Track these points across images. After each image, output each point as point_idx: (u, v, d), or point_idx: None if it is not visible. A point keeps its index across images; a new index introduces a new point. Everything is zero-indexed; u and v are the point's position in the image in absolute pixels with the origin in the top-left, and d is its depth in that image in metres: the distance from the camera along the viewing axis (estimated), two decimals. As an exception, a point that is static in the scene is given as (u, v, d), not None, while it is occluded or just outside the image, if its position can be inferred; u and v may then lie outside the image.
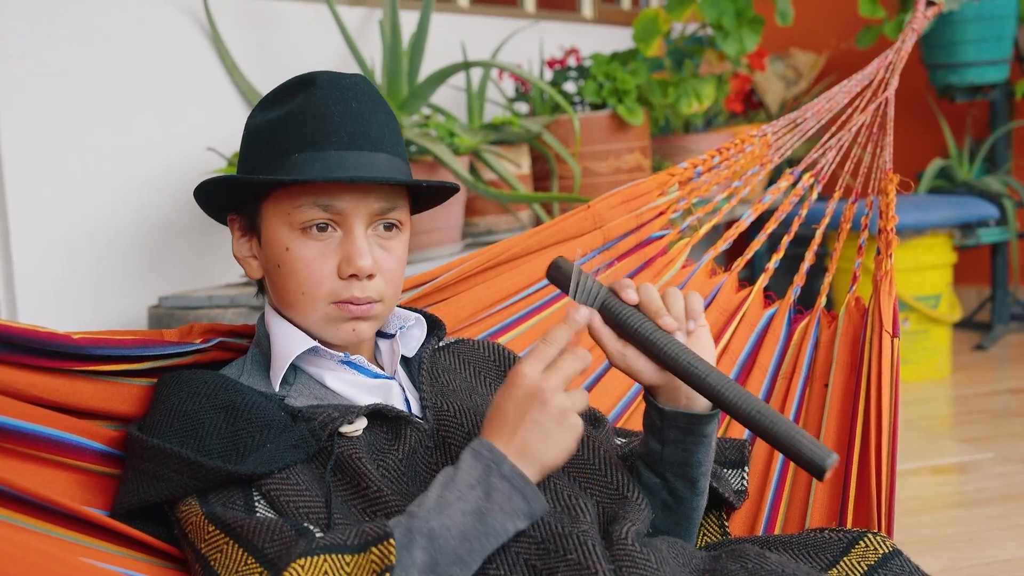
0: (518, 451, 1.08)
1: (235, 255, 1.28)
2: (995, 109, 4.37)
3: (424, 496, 1.07)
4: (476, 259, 1.58)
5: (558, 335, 1.12)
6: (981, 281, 4.63)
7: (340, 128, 1.19)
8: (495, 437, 1.09)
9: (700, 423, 1.22)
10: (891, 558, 1.19)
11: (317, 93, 1.20)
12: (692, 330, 1.20)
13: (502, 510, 1.05)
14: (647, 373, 1.20)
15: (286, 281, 1.22)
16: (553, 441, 1.08)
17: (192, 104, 2.61)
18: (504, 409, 1.10)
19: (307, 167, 1.18)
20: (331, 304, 1.21)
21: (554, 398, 1.08)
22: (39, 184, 2.25)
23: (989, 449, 3.06)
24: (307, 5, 2.94)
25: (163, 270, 2.50)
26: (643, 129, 3.33)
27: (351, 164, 1.19)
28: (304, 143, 1.19)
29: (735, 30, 3.43)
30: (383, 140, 1.22)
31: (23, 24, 2.23)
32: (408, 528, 1.03)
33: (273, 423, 1.16)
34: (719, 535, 1.39)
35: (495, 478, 1.06)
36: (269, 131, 1.21)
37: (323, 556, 1.01)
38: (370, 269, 1.20)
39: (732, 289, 1.81)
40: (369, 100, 1.22)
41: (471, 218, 2.95)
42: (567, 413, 1.09)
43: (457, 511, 1.04)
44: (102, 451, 1.19)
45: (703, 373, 1.15)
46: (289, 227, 1.21)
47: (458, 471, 1.07)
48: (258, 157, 1.22)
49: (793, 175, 1.91)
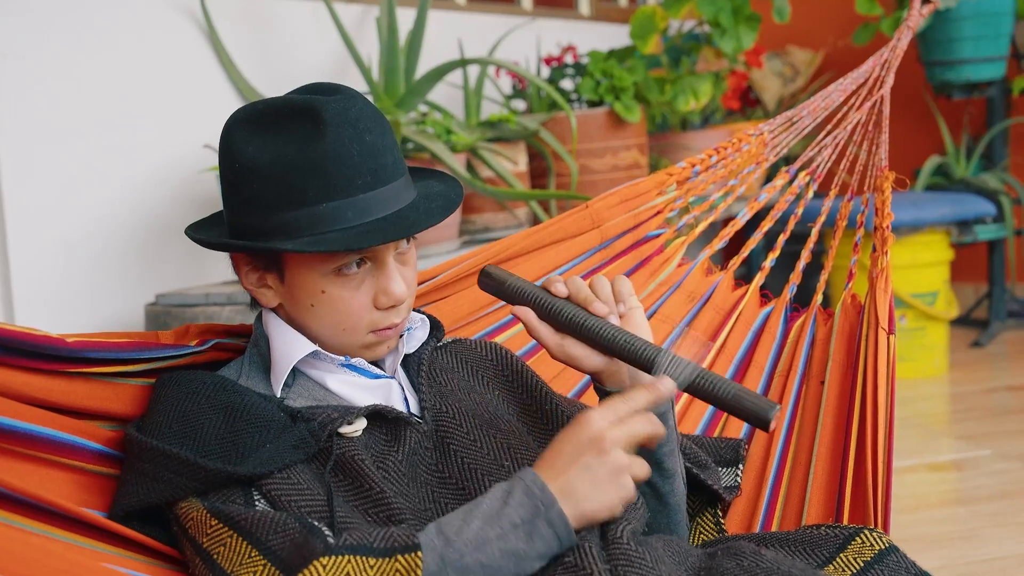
0: (562, 490, 1.07)
1: (245, 287, 1.26)
2: (992, 106, 4.37)
3: (463, 523, 1.06)
4: (474, 258, 1.58)
5: (638, 397, 1.13)
6: (978, 278, 4.63)
7: (362, 168, 1.16)
8: (544, 471, 1.09)
9: None
10: (887, 554, 1.19)
11: (329, 132, 1.15)
12: (624, 312, 1.24)
13: (538, 555, 1.06)
14: (587, 360, 1.24)
15: (322, 319, 1.21)
16: (600, 492, 1.08)
17: (189, 102, 2.60)
18: (561, 448, 1.10)
19: (340, 216, 1.15)
20: (370, 333, 1.22)
21: (614, 450, 1.08)
22: (36, 182, 2.25)
23: (986, 446, 3.06)
24: (304, 3, 2.94)
25: (160, 268, 2.50)
26: (640, 126, 3.33)
27: (380, 203, 1.18)
28: (330, 190, 1.15)
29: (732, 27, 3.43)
30: (396, 164, 1.21)
31: (21, 24, 2.22)
32: (442, 557, 1.03)
33: (272, 424, 1.16)
34: (715, 533, 1.39)
35: (541, 522, 1.06)
36: (279, 174, 1.16)
37: (347, 556, 1.01)
38: (405, 296, 1.21)
39: (728, 287, 1.81)
40: (377, 126, 1.19)
41: (468, 215, 2.95)
42: (622, 471, 1.09)
43: (496, 550, 1.04)
44: (99, 451, 1.19)
45: (638, 347, 1.19)
46: (321, 272, 1.19)
47: (506, 505, 1.06)
48: (272, 201, 1.16)
49: (789, 173, 1.91)
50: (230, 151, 1.19)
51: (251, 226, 1.18)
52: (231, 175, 1.19)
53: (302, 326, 1.23)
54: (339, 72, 3.01)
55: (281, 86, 2.00)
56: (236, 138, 1.18)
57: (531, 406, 1.33)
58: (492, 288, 1.28)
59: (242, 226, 1.20)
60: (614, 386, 1.25)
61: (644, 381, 1.21)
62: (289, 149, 1.15)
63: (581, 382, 1.61)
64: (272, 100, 1.19)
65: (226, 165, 1.20)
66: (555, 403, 1.33)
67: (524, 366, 1.37)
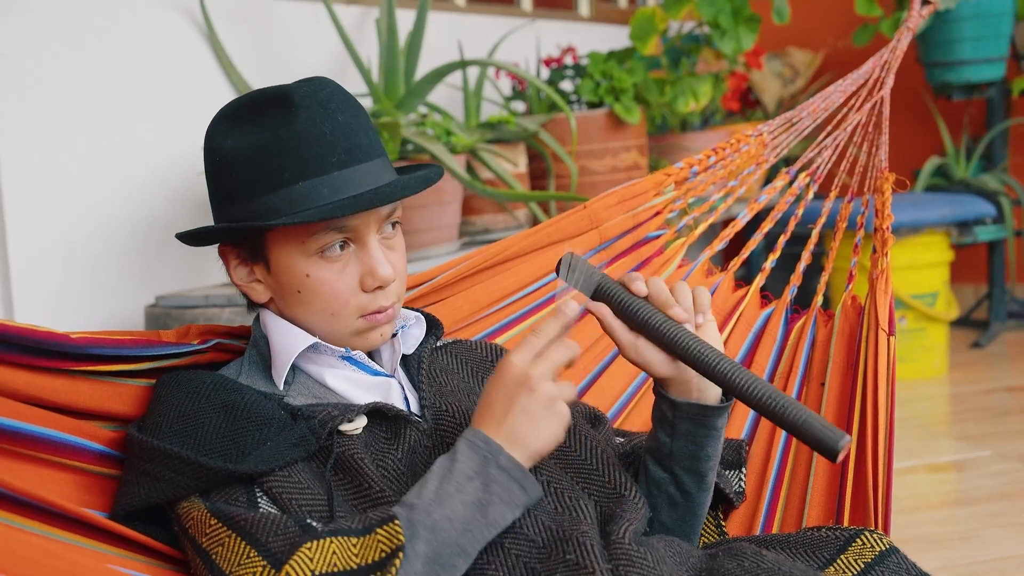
0: (508, 438, 1.09)
1: (235, 283, 1.27)
2: (992, 107, 4.38)
3: (421, 487, 1.07)
4: (473, 259, 1.58)
5: (547, 327, 1.13)
6: (978, 279, 4.64)
7: (335, 146, 1.18)
8: (485, 425, 1.10)
9: (712, 415, 1.23)
10: (888, 555, 1.19)
11: (300, 113, 1.17)
12: (700, 324, 1.22)
13: (501, 500, 1.07)
14: (658, 364, 1.22)
15: (310, 305, 1.22)
16: (542, 428, 1.09)
17: (188, 103, 2.60)
18: (493, 398, 1.11)
19: (315, 194, 1.17)
20: (360, 318, 1.22)
21: (541, 385, 1.09)
22: (36, 182, 2.25)
23: (986, 447, 3.06)
24: (303, 4, 2.94)
25: (160, 270, 2.50)
26: (640, 128, 3.33)
27: (356, 181, 1.19)
28: (304, 170, 1.17)
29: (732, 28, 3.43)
30: (372, 145, 1.22)
31: (21, 24, 2.22)
32: (410, 520, 1.04)
33: (272, 421, 1.16)
34: (716, 535, 1.39)
35: (493, 469, 1.07)
36: (253, 160, 1.18)
37: (330, 539, 1.03)
38: (392, 276, 1.22)
39: (729, 289, 1.81)
40: (350, 108, 1.21)
41: (468, 217, 2.95)
42: (555, 400, 1.10)
43: (457, 503, 1.05)
44: (101, 452, 1.19)
45: (715, 361, 1.16)
46: (304, 254, 1.20)
47: (455, 462, 1.08)
48: (249, 188, 1.18)
49: (789, 174, 1.91)
50: (211, 147, 1.22)
51: (232, 215, 1.20)
52: (213, 170, 1.22)
53: (294, 318, 1.24)
54: (339, 73, 3.01)
55: (281, 87, 2.00)
56: (216, 134, 1.21)
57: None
58: (568, 276, 1.23)
59: (224, 217, 1.22)
60: (680, 395, 1.24)
61: (712, 397, 1.23)
62: (263, 135, 1.18)
63: (583, 383, 1.61)
64: (249, 93, 1.22)
65: (208, 161, 1.23)
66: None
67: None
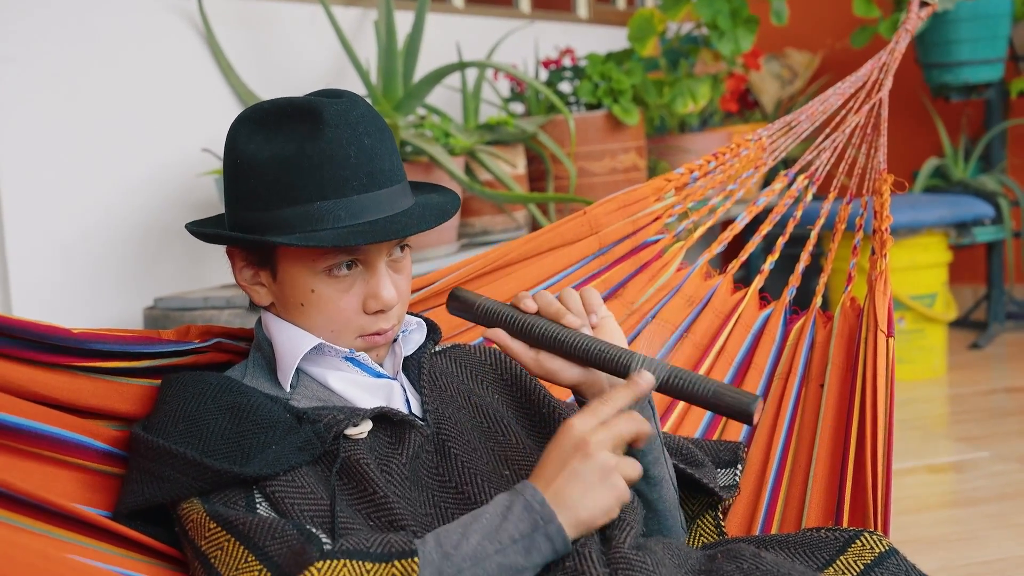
0: (553, 499, 1.07)
1: (239, 283, 1.27)
2: (990, 108, 4.38)
3: (462, 536, 1.05)
4: (472, 264, 1.58)
5: (617, 396, 1.13)
6: (977, 280, 4.64)
7: (358, 170, 1.18)
8: (536, 483, 1.09)
9: None
10: (887, 557, 1.19)
11: (328, 133, 1.16)
12: (596, 323, 1.24)
13: (534, 568, 1.06)
14: (564, 372, 1.23)
15: (313, 319, 1.22)
16: (592, 496, 1.07)
17: (187, 106, 2.60)
18: (549, 458, 1.10)
19: (332, 216, 1.17)
20: (358, 337, 1.23)
21: (599, 452, 1.08)
22: (34, 186, 2.25)
23: (985, 448, 3.06)
24: (302, 6, 2.94)
25: (159, 271, 2.50)
26: (639, 129, 3.33)
27: (374, 206, 1.18)
28: (323, 189, 1.17)
29: (730, 30, 3.43)
30: (395, 170, 1.21)
31: (20, 29, 2.22)
32: (439, 571, 1.03)
33: (278, 425, 1.16)
34: (715, 535, 1.39)
35: (540, 537, 1.06)
36: (276, 171, 1.17)
37: (343, 561, 1.02)
38: (395, 300, 1.22)
39: (727, 291, 1.81)
40: (377, 131, 1.20)
41: (467, 218, 2.95)
42: (610, 472, 1.08)
43: (494, 564, 1.04)
44: (104, 450, 1.20)
45: (613, 355, 1.19)
46: (312, 271, 1.20)
47: (505, 520, 1.06)
48: (268, 197, 1.18)
49: (788, 176, 1.91)
50: (233, 148, 1.21)
51: (246, 221, 1.20)
52: (232, 170, 1.22)
53: (294, 323, 1.24)
54: (337, 75, 3.01)
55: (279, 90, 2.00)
56: (239, 135, 1.21)
57: (530, 410, 1.33)
58: (461, 311, 1.28)
59: (238, 221, 1.21)
60: (594, 398, 1.24)
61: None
62: (288, 147, 1.17)
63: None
64: (278, 100, 1.21)
65: (228, 161, 1.22)
66: (553, 406, 1.33)
67: (523, 370, 1.37)
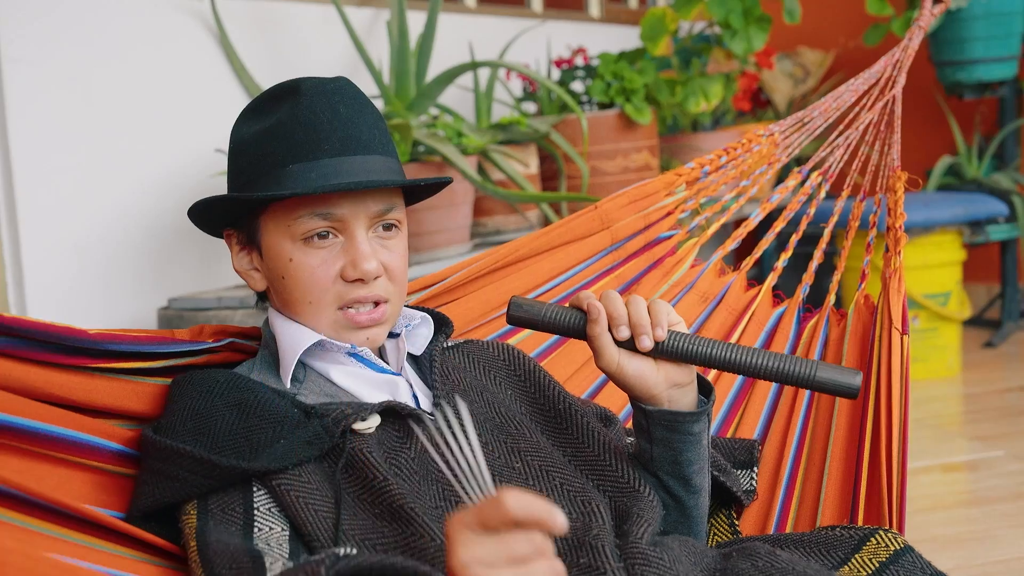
0: None
1: (236, 270, 1.29)
2: (1004, 106, 4.36)
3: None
4: (485, 260, 1.58)
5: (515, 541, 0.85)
6: (991, 278, 4.62)
7: (331, 134, 1.20)
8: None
9: (684, 421, 1.23)
10: (902, 555, 1.19)
11: (303, 101, 1.20)
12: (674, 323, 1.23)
13: None
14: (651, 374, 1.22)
15: (291, 292, 1.23)
16: None
17: (201, 106, 2.61)
18: None
19: (302, 177, 1.19)
20: (338, 310, 1.22)
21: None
22: (49, 186, 2.26)
23: (1000, 447, 3.05)
24: (315, 6, 2.95)
25: (173, 272, 2.51)
26: (651, 128, 3.33)
27: (345, 170, 1.20)
28: (296, 153, 1.19)
29: (743, 28, 3.43)
30: (373, 142, 1.23)
31: (35, 29, 2.24)
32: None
33: (286, 419, 1.16)
34: (730, 534, 1.39)
35: None
36: (257, 143, 1.22)
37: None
38: (376, 272, 1.21)
39: (741, 288, 1.81)
40: (356, 103, 1.23)
41: (479, 218, 2.95)
42: None
43: None
44: (118, 451, 1.20)
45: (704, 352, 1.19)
46: (291, 239, 1.21)
47: None
48: (249, 170, 1.22)
49: (801, 174, 1.91)
50: (231, 138, 1.26)
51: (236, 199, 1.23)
52: (230, 158, 1.26)
53: (283, 305, 1.25)
54: (350, 75, 3.00)
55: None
56: (237, 124, 1.26)
57: (544, 405, 1.33)
58: (524, 321, 1.26)
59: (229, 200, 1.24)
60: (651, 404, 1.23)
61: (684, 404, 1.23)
62: (269, 121, 1.22)
63: (596, 382, 1.61)
64: (270, 87, 1.26)
65: (228, 151, 1.27)
66: (568, 403, 1.33)
67: (537, 366, 1.37)
